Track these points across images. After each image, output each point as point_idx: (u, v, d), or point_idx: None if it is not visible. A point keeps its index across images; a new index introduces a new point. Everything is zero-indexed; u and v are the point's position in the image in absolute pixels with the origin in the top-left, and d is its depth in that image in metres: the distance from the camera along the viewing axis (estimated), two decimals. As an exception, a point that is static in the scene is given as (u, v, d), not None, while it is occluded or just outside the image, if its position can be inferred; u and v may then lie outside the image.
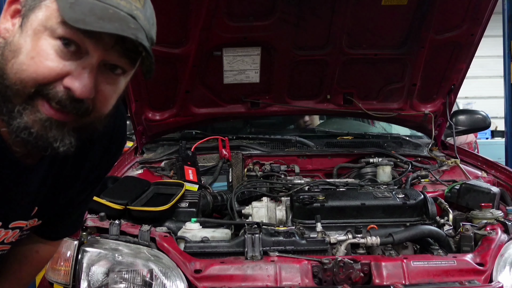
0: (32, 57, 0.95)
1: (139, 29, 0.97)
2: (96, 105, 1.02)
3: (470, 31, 2.49)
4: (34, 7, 0.96)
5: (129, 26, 0.95)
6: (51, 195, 1.26)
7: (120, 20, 0.95)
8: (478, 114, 3.26)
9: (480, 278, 1.63)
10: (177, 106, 2.68)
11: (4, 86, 0.97)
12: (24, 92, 0.96)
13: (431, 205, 2.05)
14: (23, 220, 1.26)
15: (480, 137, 8.91)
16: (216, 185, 2.51)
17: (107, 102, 1.05)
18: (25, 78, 0.95)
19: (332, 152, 2.78)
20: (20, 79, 0.96)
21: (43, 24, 0.95)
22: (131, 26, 0.96)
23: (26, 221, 1.27)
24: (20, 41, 0.96)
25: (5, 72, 0.96)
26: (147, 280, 1.60)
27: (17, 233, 1.28)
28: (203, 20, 2.28)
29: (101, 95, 1.02)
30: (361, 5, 2.36)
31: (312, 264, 1.65)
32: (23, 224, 1.28)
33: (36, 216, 1.30)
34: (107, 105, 1.05)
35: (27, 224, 1.30)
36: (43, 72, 0.95)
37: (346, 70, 2.68)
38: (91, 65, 0.98)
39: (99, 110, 1.04)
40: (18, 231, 1.28)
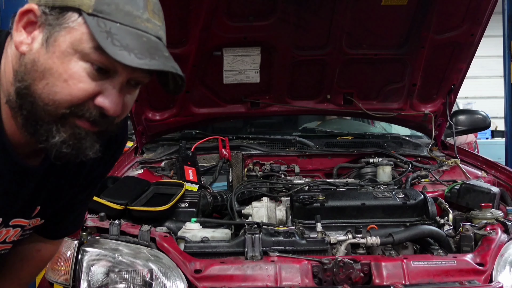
0: (65, 80, 0.97)
1: (170, 57, 1.03)
2: (120, 115, 1.07)
3: (470, 31, 2.49)
4: (60, 27, 0.97)
5: (165, 57, 1.01)
6: (53, 195, 1.28)
7: (156, 50, 1.00)
8: (478, 114, 3.25)
9: (480, 278, 1.63)
10: (177, 106, 2.68)
11: (36, 106, 0.99)
12: (57, 112, 0.99)
13: (431, 205, 2.05)
14: (24, 218, 1.27)
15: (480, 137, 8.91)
16: (216, 185, 2.51)
17: (127, 110, 1.11)
18: (59, 100, 0.98)
19: (332, 152, 2.78)
20: (53, 101, 0.98)
21: (73, 47, 0.97)
22: (165, 54, 1.01)
23: (28, 220, 1.28)
24: (49, 62, 0.97)
25: (36, 93, 0.98)
26: (147, 280, 1.60)
27: (18, 231, 1.29)
28: (203, 20, 2.28)
29: (124, 106, 1.07)
30: (361, 5, 2.36)
31: (312, 264, 1.65)
32: (25, 223, 1.28)
33: (38, 215, 1.31)
34: (126, 113, 1.12)
35: (30, 223, 1.30)
36: (77, 94, 0.98)
37: (346, 70, 2.68)
38: (120, 84, 1.02)
39: (120, 118, 1.10)
40: (19, 230, 1.28)
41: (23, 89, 0.99)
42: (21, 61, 0.99)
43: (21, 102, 1.00)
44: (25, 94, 0.99)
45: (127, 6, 0.98)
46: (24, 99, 0.99)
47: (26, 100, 0.99)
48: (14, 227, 1.26)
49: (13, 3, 3.62)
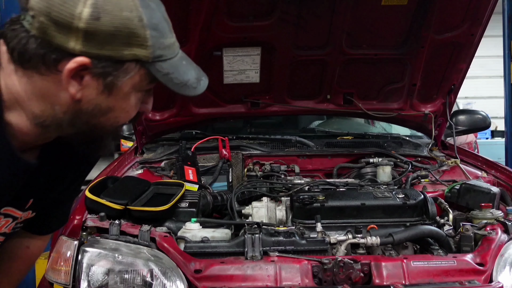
0: (127, 111, 1.17)
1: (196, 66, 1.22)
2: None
3: (470, 31, 2.49)
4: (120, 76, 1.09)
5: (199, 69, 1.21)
6: (45, 188, 1.34)
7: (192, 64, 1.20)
8: (478, 114, 3.26)
9: (480, 278, 1.63)
10: (177, 106, 2.68)
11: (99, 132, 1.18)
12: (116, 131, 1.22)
13: (431, 205, 2.05)
14: (17, 209, 1.31)
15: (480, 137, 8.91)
16: (216, 185, 2.51)
17: None
18: (120, 124, 1.20)
19: (332, 152, 2.77)
20: (115, 127, 1.19)
21: (134, 88, 1.13)
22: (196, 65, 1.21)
23: (21, 212, 1.33)
24: (112, 103, 1.12)
25: (99, 125, 1.16)
26: (147, 280, 1.60)
27: (9, 222, 1.31)
28: (203, 20, 2.28)
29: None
30: (361, 5, 2.36)
31: (312, 264, 1.65)
32: (18, 214, 1.32)
33: (30, 208, 1.35)
34: None
35: (22, 216, 1.34)
36: (133, 115, 1.19)
37: (346, 70, 2.68)
38: (152, 90, 1.21)
39: None
40: (11, 220, 1.31)
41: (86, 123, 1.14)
42: (80, 105, 1.11)
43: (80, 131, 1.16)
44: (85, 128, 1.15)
45: (166, 40, 1.12)
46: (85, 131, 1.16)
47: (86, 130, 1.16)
48: (6, 216, 1.29)
49: (13, 3, 3.63)
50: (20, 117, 1.12)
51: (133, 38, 1.06)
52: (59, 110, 1.11)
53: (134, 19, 1.05)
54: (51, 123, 1.13)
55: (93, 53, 1.05)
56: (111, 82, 1.09)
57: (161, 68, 1.11)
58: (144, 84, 1.14)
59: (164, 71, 1.12)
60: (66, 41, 1.03)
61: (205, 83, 1.19)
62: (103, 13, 1.02)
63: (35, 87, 1.09)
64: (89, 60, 1.05)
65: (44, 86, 1.08)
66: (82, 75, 1.07)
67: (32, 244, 1.59)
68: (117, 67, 1.08)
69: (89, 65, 1.05)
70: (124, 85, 1.11)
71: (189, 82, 1.16)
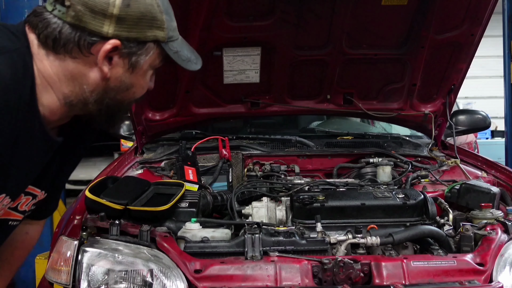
0: (143, 87, 1.36)
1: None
2: None
3: (470, 31, 2.49)
4: (142, 55, 1.28)
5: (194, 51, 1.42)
6: (59, 167, 1.47)
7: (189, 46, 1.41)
8: (478, 114, 3.25)
9: (480, 278, 1.63)
10: (177, 106, 2.68)
11: (118, 107, 1.34)
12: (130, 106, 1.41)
13: (431, 205, 2.05)
14: (37, 187, 1.41)
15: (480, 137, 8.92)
16: (216, 185, 2.51)
17: None
18: (136, 99, 1.38)
19: (332, 152, 2.77)
20: (132, 101, 1.38)
21: (150, 66, 1.32)
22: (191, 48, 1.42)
23: (39, 190, 1.43)
24: (133, 79, 1.31)
25: (121, 100, 1.33)
26: (147, 280, 1.60)
27: (30, 199, 1.42)
28: (203, 20, 2.28)
29: None
30: (361, 5, 2.36)
31: (312, 264, 1.65)
32: (37, 192, 1.43)
33: (45, 187, 1.45)
34: None
35: (39, 194, 1.44)
36: (145, 91, 1.38)
37: (346, 70, 2.68)
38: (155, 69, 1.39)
39: None
40: (30, 198, 1.42)
41: (109, 100, 1.30)
42: (108, 83, 1.27)
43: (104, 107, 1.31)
44: (111, 103, 1.31)
45: (174, 23, 1.33)
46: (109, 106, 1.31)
47: (110, 105, 1.31)
48: (27, 194, 1.39)
49: (13, 3, 3.63)
50: (51, 98, 1.25)
51: (154, 21, 1.25)
52: (87, 89, 1.26)
53: (154, 5, 1.24)
54: (78, 102, 1.28)
55: (123, 36, 1.22)
56: (135, 60, 1.27)
57: (172, 47, 1.31)
58: (157, 62, 1.33)
59: (174, 50, 1.32)
60: (101, 26, 1.19)
61: (201, 61, 1.42)
62: (132, 1, 1.21)
63: (67, 69, 1.23)
64: (119, 42, 1.22)
65: (75, 68, 1.23)
66: (111, 56, 1.23)
67: (31, 229, 1.65)
68: (140, 47, 1.26)
69: (120, 47, 1.22)
70: (144, 63, 1.29)
71: (191, 59, 1.37)
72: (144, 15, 1.23)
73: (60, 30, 1.19)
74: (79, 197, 2.03)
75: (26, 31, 1.23)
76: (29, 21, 1.23)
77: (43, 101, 1.23)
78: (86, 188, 1.94)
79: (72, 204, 2.04)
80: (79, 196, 2.04)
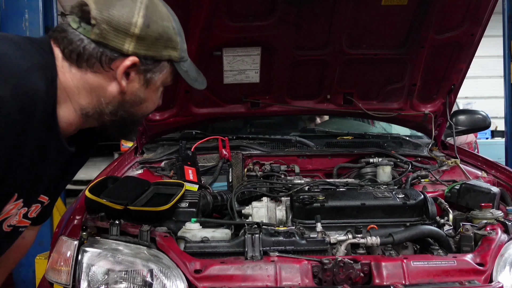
0: (154, 102, 1.47)
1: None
2: None
3: (470, 31, 2.49)
4: (157, 72, 1.38)
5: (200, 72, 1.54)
6: (64, 175, 1.52)
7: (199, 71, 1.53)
8: (478, 114, 3.25)
9: (480, 278, 1.63)
10: (177, 106, 2.68)
11: (131, 120, 1.45)
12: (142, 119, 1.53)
13: (431, 205, 2.05)
14: (45, 195, 1.47)
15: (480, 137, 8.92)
16: (216, 185, 2.51)
17: None
18: (148, 113, 1.51)
19: (332, 152, 2.77)
20: (144, 115, 1.50)
21: (162, 83, 1.43)
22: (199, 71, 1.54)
23: (47, 197, 1.48)
24: (146, 94, 1.41)
25: (134, 113, 1.43)
26: (147, 280, 1.60)
27: (39, 207, 1.46)
28: (203, 20, 2.28)
29: None
30: (361, 5, 2.36)
31: (312, 264, 1.65)
32: (45, 200, 1.47)
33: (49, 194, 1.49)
34: None
35: (46, 202, 1.48)
36: (156, 106, 1.49)
37: (346, 70, 2.68)
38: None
39: None
40: (40, 206, 1.46)
41: (124, 113, 1.40)
42: (124, 96, 1.37)
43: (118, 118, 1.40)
44: (125, 115, 1.41)
45: (185, 45, 1.43)
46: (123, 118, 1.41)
47: (124, 117, 1.41)
48: (37, 202, 1.45)
49: (13, 3, 3.63)
50: (68, 109, 1.33)
51: (170, 42, 1.36)
52: (104, 101, 1.35)
53: (170, 27, 1.36)
54: (94, 113, 1.37)
55: (141, 54, 1.32)
56: (150, 77, 1.37)
57: (183, 66, 1.43)
58: (169, 80, 1.44)
59: (184, 69, 1.43)
60: (122, 43, 1.30)
61: (206, 82, 1.54)
62: (152, 22, 1.31)
63: (87, 82, 1.32)
64: (138, 59, 1.32)
65: (95, 81, 1.33)
66: (129, 71, 1.33)
67: (27, 234, 1.66)
68: (155, 65, 1.36)
69: (138, 63, 1.33)
70: (158, 80, 1.40)
71: (198, 79, 1.49)
72: (161, 35, 1.34)
73: (84, 46, 1.29)
74: (79, 197, 2.03)
75: (52, 46, 1.32)
76: (54, 36, 1.32)
77: (60, 113, 1.31)
78: (86, 188, 1.94)
79: (72, 204, 2.04)
80: (79, 196, 2.04)
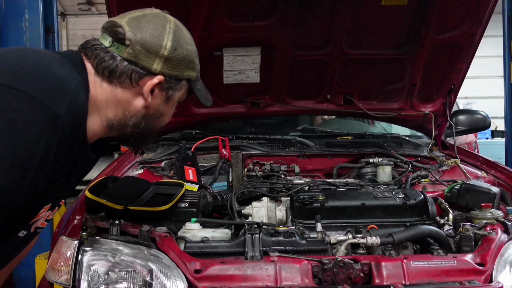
0: (169, 116, 1.61)
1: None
2: None
3: (470, 31, 2.49)
4: (177, 90, 1.53)
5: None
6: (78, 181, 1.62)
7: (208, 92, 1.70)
8: (478, 114, 3.25)
9: (480, 278, 1.63)
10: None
11: (151, 132, 1.59)
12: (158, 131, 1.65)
13: (431, 205, 2.05)
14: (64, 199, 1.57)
15: (480, 137, 8.92)
16: (216, 185, 2.51)
17: None
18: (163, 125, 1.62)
19: (332, 152, 2.77)
20: (160, 128, 1.62)
21: (179, 99, 1.57)
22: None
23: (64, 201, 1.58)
24: (165, 109, 1.56)
25: (153, 126, 1.58)
26: (147, 280, 1.60)
27: (56, 210, 1.54)
28: (203, 20, 2.28)
29: None
30: (361, 5, 2.36)
31: (312, 264, 1.65)
32: (62, 203, 1.56)
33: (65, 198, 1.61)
34: None
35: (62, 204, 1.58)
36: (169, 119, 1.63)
37: (346, 70, 2.68)
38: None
39: None
40: (57, 209, 1.55)
41: (145, 125, 1.54)
42: (147, 110, 1.51)
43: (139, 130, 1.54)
44: (145, 128, 1.54)
45: (199, 66, 1.58)
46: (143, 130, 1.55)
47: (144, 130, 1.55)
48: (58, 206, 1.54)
49: (13, 3, 3.63)
50: (95, 121, 1.44)
51: (191, 64, 1.52)
52: (128, 114, 1.48)
53: (193, 51, 1.53)
54: (118, 125, 1.49)
55: (167, 73, 1.46)
56: (171, 94, 1.52)
57: (198, 85, 1.59)
58: (184, 97, 1.57)
59: (198, 87, 1.59)
60: (151, 63, 1.44)
61: (211, 99, 1.71)
62: (178, 46, 1.47)
63: (115, 97, 1.45)
64: (163, 78, 1.46)
65: (123, 96, 1.46)
66: (154, 88, 1.47)
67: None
68: (177, 83, 1.51)
69: (163, 82, 1.47)
70: (176, 97, 1.54)
71: (207, 96, 1.67)
72: (185, 58, 1.50)
73: (116, 64, 1.42)
74: (79, 197, 2.03)
75: (84, 61, 1.43)
76: (86, 53, 1.44)
77: (88, 123, 1.41)
78: (86, 188, 1.94)
79: (72, 204, 2.04)
80: (79, 196, 2.04)
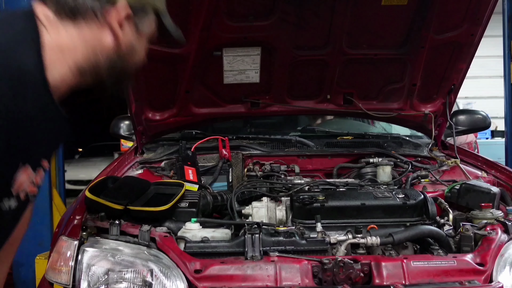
0: (142, 54, 1.46)
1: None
2: None
3: (470, 31, 2.49)
4: (145, 20, 1.42)
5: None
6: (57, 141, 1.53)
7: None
8: (478, 114, 3.25)
9: (480, 278, 1.63)
10: (177, 106, 2.68)
11: (128, 72, 1.46)
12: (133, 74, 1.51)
13: (431, 205, 2.05)
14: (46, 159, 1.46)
15: (480, 137, 8.92)
16: (216, 185, 2.51)
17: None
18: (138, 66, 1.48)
19: (332, 152, 2.77)
20: (135, 68, 1.47)
21: (150, 33, 1.45)
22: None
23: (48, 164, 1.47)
24: (137, 44, 1.43)
25: (128, 65, 1.44)
26: (147, 280, 1.60)
27: (42, 173, 1.44)
28: (203, 20, 2.28)
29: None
30: (361, 5, 2.36)
31: (312, 264, 1.65)
32: (47, 167, 1.45)
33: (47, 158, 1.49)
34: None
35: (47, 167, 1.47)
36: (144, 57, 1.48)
37: (346, 70, 2.68)
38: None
39: None
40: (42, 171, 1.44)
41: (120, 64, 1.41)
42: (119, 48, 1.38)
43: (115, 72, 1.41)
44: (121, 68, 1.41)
45: None
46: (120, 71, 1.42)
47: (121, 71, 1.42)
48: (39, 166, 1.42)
49: (13, 3, 3.63)
50: (62, 69, 1.31)
51: None
52: (100, 54, 1.36)
53: None
54: (90, 70, 1.37)
55: (131, 3, 1.35)
56: (141, 27, 1.41)
57: (167, 18, 1.48)
58: (155, 32, 1.46)
59: (168, 21, 1.49)
60: None
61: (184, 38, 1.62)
62: None
63: (83, 38, 1.32)
64: (130, 10, 1.35)
65: (91, 34, 1.34)
66: (122, 22, 1.36)
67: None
68: (144, 15, 1.40)
69: (130, 14, 1.36)
70: (146, 28, 1.43)
71: (178, 30, 1.56)
72: None
73: (79, 1, 1.31)
74: (79, 197, 2.03)
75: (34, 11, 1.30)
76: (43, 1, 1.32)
77: (54, 73, 1.28)
78: (86, 188, 1.94)
79: (72, 204, 2.04)
80: (79, 196, 2.04)
